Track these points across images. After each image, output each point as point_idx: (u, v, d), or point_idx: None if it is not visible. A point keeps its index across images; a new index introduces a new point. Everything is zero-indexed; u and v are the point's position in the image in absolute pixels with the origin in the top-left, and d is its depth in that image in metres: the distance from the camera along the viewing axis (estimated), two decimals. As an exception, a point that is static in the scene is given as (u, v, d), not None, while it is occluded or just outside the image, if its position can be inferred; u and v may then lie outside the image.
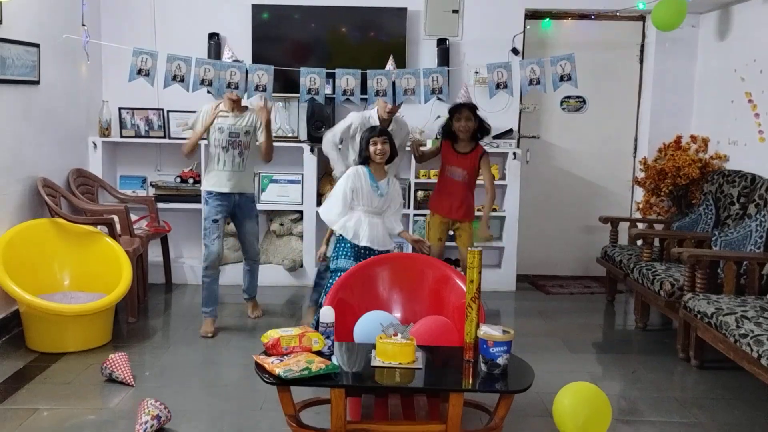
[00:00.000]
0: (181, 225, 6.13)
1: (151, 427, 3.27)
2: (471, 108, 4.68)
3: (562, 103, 6.47)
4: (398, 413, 3.03)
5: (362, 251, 4.07)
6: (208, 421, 3.54)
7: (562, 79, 3.95)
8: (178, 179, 6.05)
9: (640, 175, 6.24)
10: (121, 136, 5.97)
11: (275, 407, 3.20)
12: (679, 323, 4.48)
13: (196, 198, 5.93)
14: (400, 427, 2.79)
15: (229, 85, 3.99)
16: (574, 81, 3.96)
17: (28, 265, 4.55)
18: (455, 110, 4.73)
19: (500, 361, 2.77)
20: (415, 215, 6.02)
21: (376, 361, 2.87)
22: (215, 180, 4.72)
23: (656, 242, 5.30)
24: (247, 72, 4.03)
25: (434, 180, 5.98)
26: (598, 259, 5.95)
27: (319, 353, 2.86)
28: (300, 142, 5.99)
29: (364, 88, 4.20)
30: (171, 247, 6.02)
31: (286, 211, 6.07)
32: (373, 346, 2.96)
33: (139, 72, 3.90)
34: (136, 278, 4.89)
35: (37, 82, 4.94)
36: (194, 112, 6.01)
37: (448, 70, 4.13)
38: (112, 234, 4.94)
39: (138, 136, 6.00)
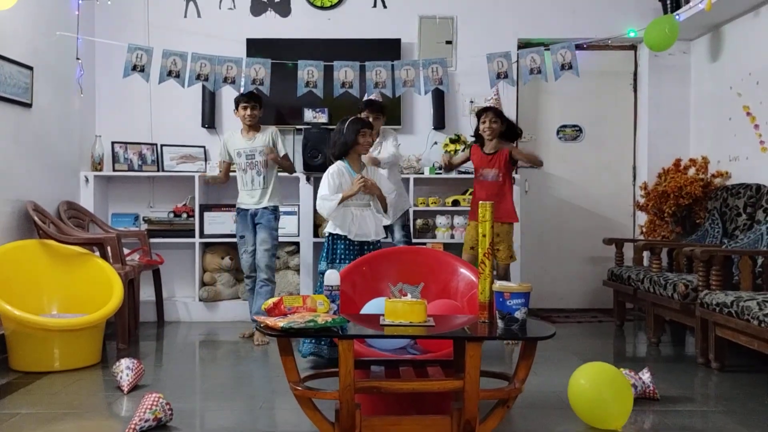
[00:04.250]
0: (175, 261, 5.96)
1: (149, 427, 3.03)
2: (495, 111, 4.77)
3: (558, 132, 6.44)
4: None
5: (357, 246, 3.99)
6: (204, 419, 3.30)
7: (563, 67, 3.90)
8: (171, 214, 5.91)
9: (641, 200, 6.14)
10: (114, 170, 5.86)
11: (277, 405, 2.98)
12: (696, 326, 4.29)
13: (189, 233, 5.79)
14: (413, 383, 2.55)
15: (225, 80, 3.91)
16: (576, 69, 3.91)
17: (14, 286, 4.33)
18: (480, 113, 4.86)
19: (518, 315, 2.58)
20: (414, 244, 5.85)
21: (386, 322, 2.67)
22: (241, 198, 5.09)
23: (664, 262, 5.17)
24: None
25: (433, 207, 5.90)
26: (604, 282, 5.77)
27: (324, 316, 2.66)
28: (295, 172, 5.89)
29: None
30: (164, 286, 5.82)
31: (281, 243, 5.90)
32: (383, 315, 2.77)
33: (134, 68, 3.83)
34: (127, 306, 4.69)
35: (30, 105, 4.86)
36: (187, 146, 6.04)
37: (447, 60, 4.06)
38: (104, 258, 4.77)
39: (131, 170, 5.88)
